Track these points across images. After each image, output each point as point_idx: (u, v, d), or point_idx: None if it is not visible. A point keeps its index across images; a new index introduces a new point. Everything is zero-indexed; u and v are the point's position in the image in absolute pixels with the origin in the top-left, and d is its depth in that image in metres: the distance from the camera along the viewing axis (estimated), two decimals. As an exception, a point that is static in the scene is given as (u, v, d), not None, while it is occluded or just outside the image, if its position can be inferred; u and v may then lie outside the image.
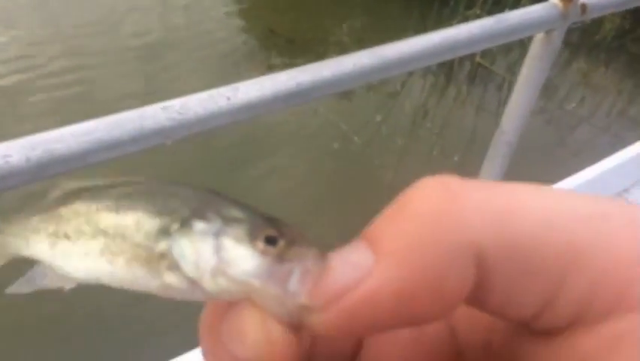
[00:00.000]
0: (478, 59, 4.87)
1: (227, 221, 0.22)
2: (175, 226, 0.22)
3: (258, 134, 3.66)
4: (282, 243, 0.21)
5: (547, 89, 4.49)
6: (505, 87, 4.55)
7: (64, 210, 0.25)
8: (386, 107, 4.29)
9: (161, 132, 0.78)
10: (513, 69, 4.55)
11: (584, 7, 1.25)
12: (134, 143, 0.76)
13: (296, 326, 0.21)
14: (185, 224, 0.22)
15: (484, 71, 4.91)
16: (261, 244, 0.21)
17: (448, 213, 0.20)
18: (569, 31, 1.29)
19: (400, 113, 4.29)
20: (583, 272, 0.19)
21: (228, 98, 0.83)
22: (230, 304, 0.22)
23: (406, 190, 0.21)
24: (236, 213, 0.22)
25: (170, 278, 0.22)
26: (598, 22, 5.40)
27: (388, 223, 0.21)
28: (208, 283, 0.21)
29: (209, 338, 0.22)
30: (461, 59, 4.83)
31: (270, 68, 4.26)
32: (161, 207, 0.23)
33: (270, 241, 0.21)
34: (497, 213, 0.20)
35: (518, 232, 0.19)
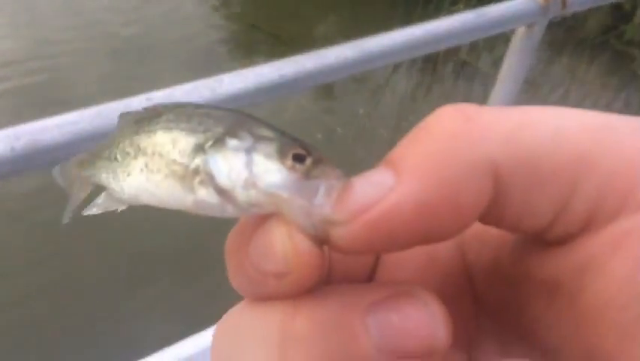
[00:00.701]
0: (463, 55, 4.89)
1: (259, 139, 0.23)
2: (209, 143, 0.24)
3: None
4: (309, 161, 0.23)
5: (533, 85, 4.53)
6: (490, 83, 4.57)
7: (117, 136, 0.27)
8: (371, 102, 4.30)
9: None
10: (498, 66, 4.58)
11: (564, 1, 1.27)
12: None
13: (320, 239, 0.22)
14: (218, 141, 0.24)
15: (469, 68, 4.93)
16: (289, 161, 0.23)
17: (463, 132, 0.21)
18: (554, 28, 1.31)
19: (384, 108, 4.30)
20: (591, 178, 0.20)
21: (212, 90, 0.84)
22: (257, 224, 0.23)
23: (424, 119, 0.22)
24: (266, 132, 0.24)
25: (203, 193, 0.23)
26: (582, 19, 5.45)
27: (407, 146, 0.22)
28: (240, 195, 0.23)
29: (236, 257, 0.23)
30: (446, 56, 4.85)
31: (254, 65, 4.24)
32: (195, 127, 0.24)
33: (298, 158, 0.23)
34: (509, 130, 0.21)
35: (530, 145, 0.21)
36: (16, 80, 4.00)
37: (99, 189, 0.29)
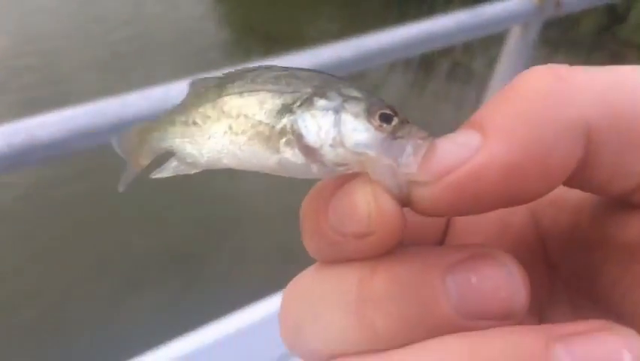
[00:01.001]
0: (457, 56, 4.90)
1: (347, 99, 0.24)
2: (297, 103, 0.24)
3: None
4: (395, 121, 0.23)
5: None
6: (484, 83, 4.57)
7: (195, 101, 0.27)
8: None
9: (143, 120, 0.78)
10: (492, 66, 4.58)
11: (558, 1, 1.27)
12: (116, 131, 0.77)
13: (404, 199, 0.22)
14: (307, 101, 0.24)
15: (463, 69, 4.94)
16: (376, 121, 0.23)
17: (555, 92, 0.20)
18: (549, 28, 1.31)
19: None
20: None
21: (209, 87, 0.84)
22: (337, 186, 0.23)
23: (513, 79, 0.22)
24: (354, 92, 0.24)
25: (288, 154, 0.24)
26: (576, 20, 5.46)
27: (494, 106, 0.21)
28: (327, 154, 0.23)
29: (314, 219, 0.23)
30: (440, 57, 4.86)
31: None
32: (284, 88, 0.25)
33: (385, 118, 0.23)
34: (603, 90, 0.20)
35: (624, 105, 0.20)
36: (13, 78, 3.99)
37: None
